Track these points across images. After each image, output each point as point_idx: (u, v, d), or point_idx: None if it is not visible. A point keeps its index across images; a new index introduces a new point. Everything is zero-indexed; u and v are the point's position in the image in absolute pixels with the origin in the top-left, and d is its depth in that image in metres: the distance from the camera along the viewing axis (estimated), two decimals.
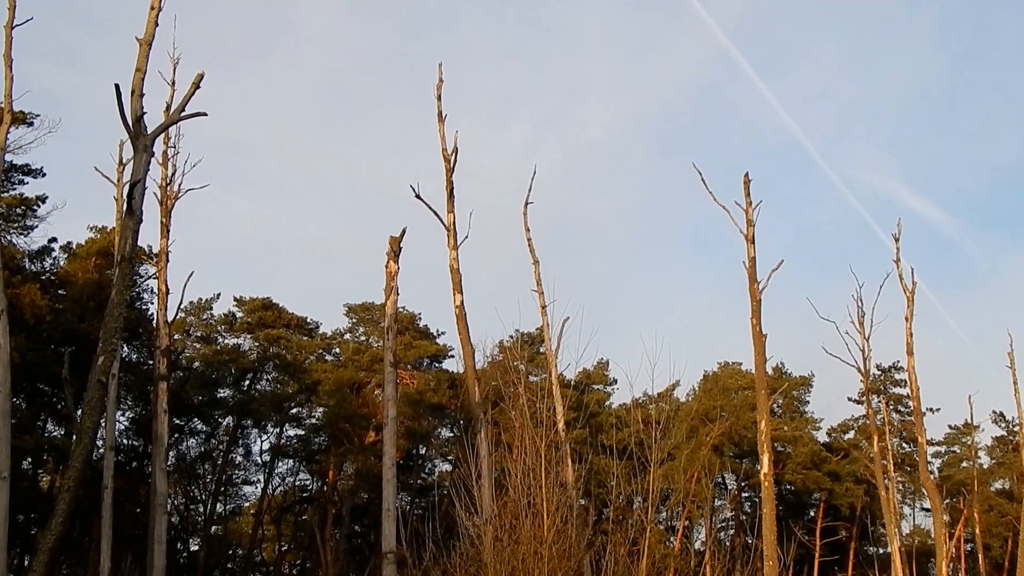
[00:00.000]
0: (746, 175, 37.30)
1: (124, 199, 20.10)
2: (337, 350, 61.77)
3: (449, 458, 59.03)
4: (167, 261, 36.62)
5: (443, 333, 61.12)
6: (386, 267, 33.09)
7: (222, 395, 57.24)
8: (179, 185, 36.89)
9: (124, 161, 36.79)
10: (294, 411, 59.37)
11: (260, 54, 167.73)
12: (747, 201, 37.33)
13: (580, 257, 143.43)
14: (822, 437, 76.11)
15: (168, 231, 36.74)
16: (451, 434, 60.74)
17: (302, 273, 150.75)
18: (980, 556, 74.55)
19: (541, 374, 53.65)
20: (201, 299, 57.82)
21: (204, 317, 58.65)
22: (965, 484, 76.49)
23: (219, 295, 58.50)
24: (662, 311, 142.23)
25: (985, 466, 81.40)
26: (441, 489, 48.74)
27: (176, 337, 50.87)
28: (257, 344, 58.58)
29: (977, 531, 74.76)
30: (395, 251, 33.05)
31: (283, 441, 59.78)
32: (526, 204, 40.97)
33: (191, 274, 36.97)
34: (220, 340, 58.89)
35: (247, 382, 58.28)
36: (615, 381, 69.78)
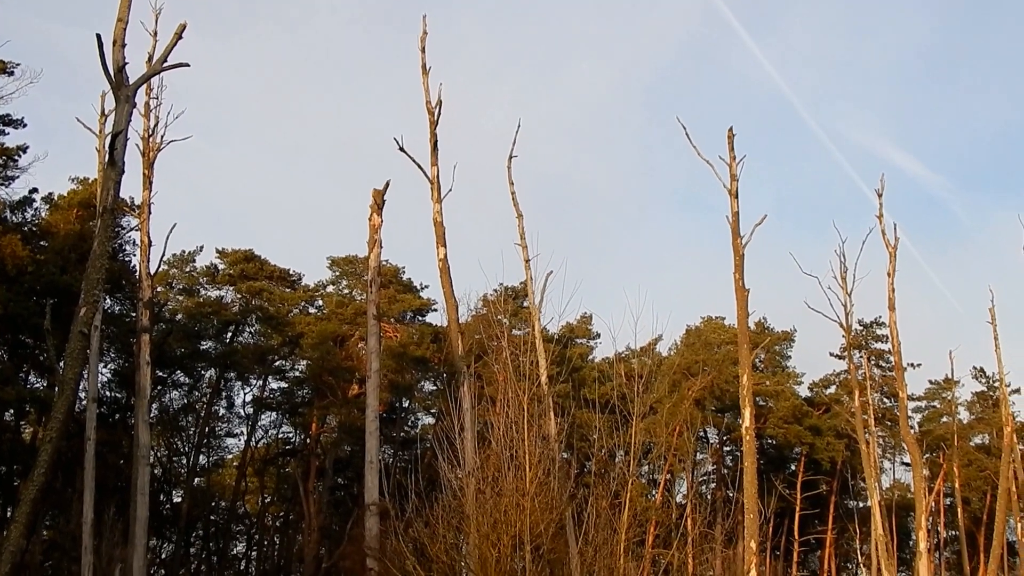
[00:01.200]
0: (730, 130, 37.25)
1: (106, 150, 19.99)
2: (320, 303, 61.67)
3: (432, 411, 59.13)
4: (149, 213, 36.47)
5: (427, 287, 61.13)
6: (369, 220, 33.07)
7: (205, 347, 57.19)
8: (161, 137, 36.71)
9: (106, 112, 36.55)
10: (277, 364, 59.36)
11: (244, 5, 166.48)
12: (731, 156, 37.31)
13: (567, 213, 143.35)
14: (804, 392, 76.45)
15: (150, 183, 36.57)
16: (434, 387, 60.83)
17: (285, 225, 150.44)
18: (959, 510, 75.15)
19: (524, 328, 53.73)
20: (184, 251, 57.66)
21: (187, 269, 58.44)
22: (945, 439, 76.99)
23: (202, 247, 58.30)
24: (647, 266, 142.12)
25: (965, 421, 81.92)
26: (424, 442, 49.02)
27: (159, 289, 50.70)
28: (240, 296, 58.44)
29: (956, 485, 75.30)
30: (379, 204, 33.02)
31: (266, 394, 59.82)
32: (510, 158, 40.83)
33: (173, 226, 36.91)
34: (203, 292, 58.73)
35: (230, 334, 58.21)
36: (598, 335, 69.94)
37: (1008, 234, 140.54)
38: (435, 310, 60.42)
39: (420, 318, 62.07)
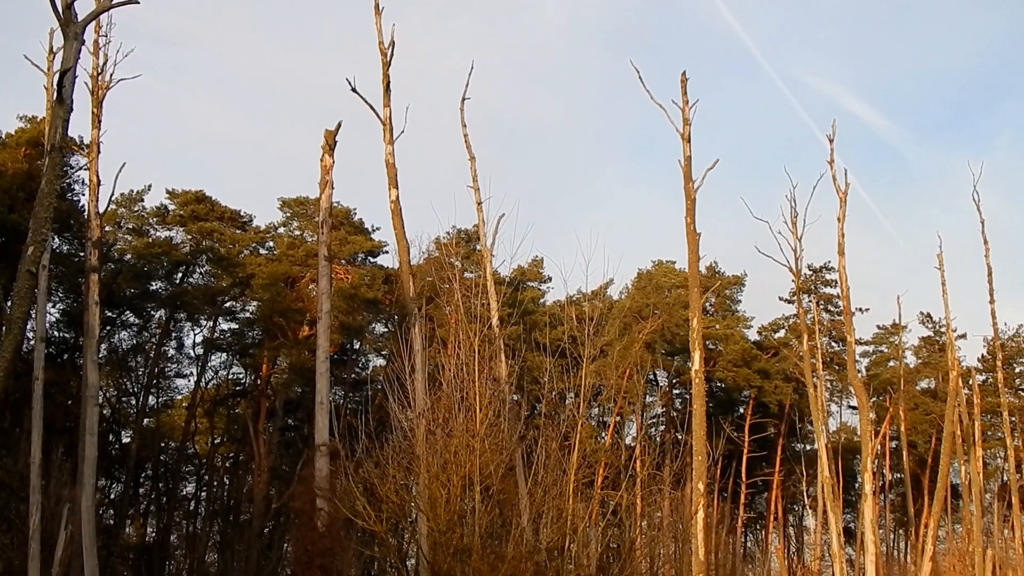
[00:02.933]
0: (683, 74, 37.31)
1: (54, 88, 19.75)
2: (271, 244, 61.32)
3: (383, 353, 59.06)
4: (98, 152, 36.12)
5: (378, 229, 60.88)
6: (321, 161, 32.92)
7: (154, 288, 56.80)
8: (110, 75, 36.29)
9: (55, 50, 36.02)
10: (227, 305, 59.06)
11: None
12: (684, 100, 37.34)
13: (520, 156, 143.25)
14: (753, 336, 76.97)
15: (99, 122, 36.20)
16: (385, 329, 60.73)
17: (236, 166, 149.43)
18: (905, 453, 76.10)
19: (476, 271, 53.71)
20: (133, 191, 57.02)
21: (136, 209, 57.86)
22: (891, 383, 77.87)
23: (151, 187, 57.63)
24: (599, 210, 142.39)
25: (911, 366, 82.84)
26: (375, 384, 48.94)
27: (107, 229, 50.24)
28: (190, 237, 58.00)
29: (902, 429, 76.24)
30: (330, 145, 32.86)
31: (216, 335, 59.58)
32: (463, 100, 40.69)
33: (123, 165, 36.54)
34: (152, 233, 58.22)
35: (180, 275, 57.84)
36: (550, 279, 70.04)
37: (958, 182, 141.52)
38: (386, 252, 60.32)
39: (371, 260, 61.91)
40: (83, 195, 45.06)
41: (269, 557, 51.88)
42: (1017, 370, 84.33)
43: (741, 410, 74.42)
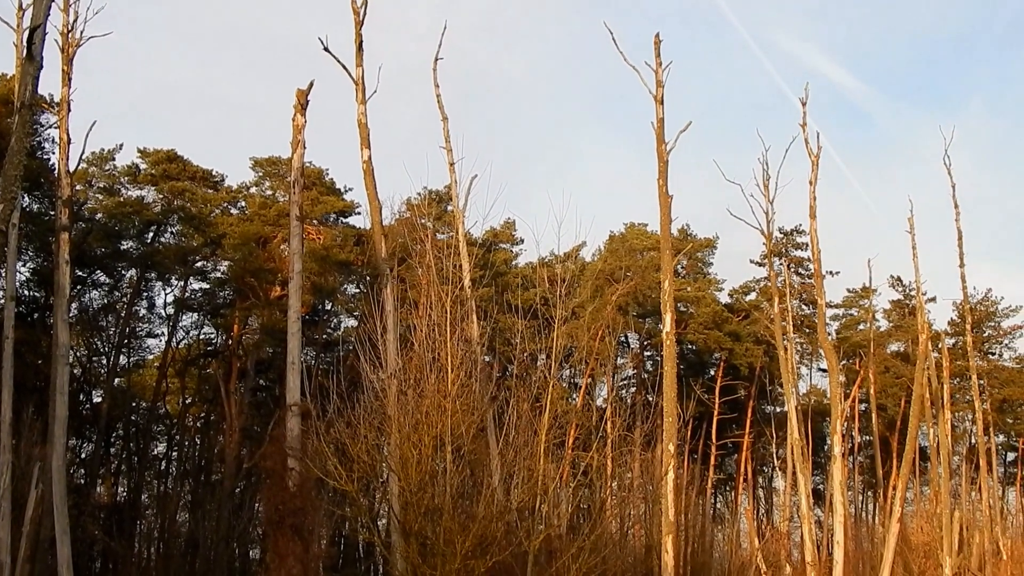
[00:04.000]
0: (656, 35, 37.35)
1: (24, 45, 19.61)
2: (243, 204, 61.01)
3: (355, 314, 58.96)
4: (69, 110, 35.87)
5: (350, 189, 60.71)
6: (293, 120, 32.74)
7: (125, 247, 56.51)
8: (81, 32, 35.96)
9: (24, 6, 35.76)
10: (199, 265, 58.83)
11: None
12: (657, 62, 37.37)
13: (493, 118, 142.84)
14: (724, 298, 77.16)
15: (70, 79, 35.93)
16: (357, 290, 60.69)
17: (208, 125, 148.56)
18: (874, 416, 76.57)
19: (448, 232, 53.72)
20: (104, 150, 56.63)
21: (107, 168, 57.49)
22: (862, 346, 78.32)
23: (122, 146, 57.23)
24: (572, 172, 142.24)
25: (882, 329, 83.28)
26: (346, 344, 49.07)
27: (78, 188, 49.94)
28: (161, 196, 57.68)
29: (872, 392, 76.68)
30: (302, 104, 32.69)
31: (187, 295, 59.38)
32: (436, 60, 40.65)
33: (93, 124, 36.34)
34: (123, 192, 57.86)
35: (151, 235, 57.57)
36: (522, 241, 70.06)
37: (930, 146, 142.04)
38: (359, 213, 60.18)
39: (343, 220, 61.79)
40: (53, 153, 44.81)
41: (240, 517, 51.95)
42: (986, 334, 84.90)
43: (712, 372, 74.71)
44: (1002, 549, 60.02)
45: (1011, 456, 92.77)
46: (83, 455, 55.41)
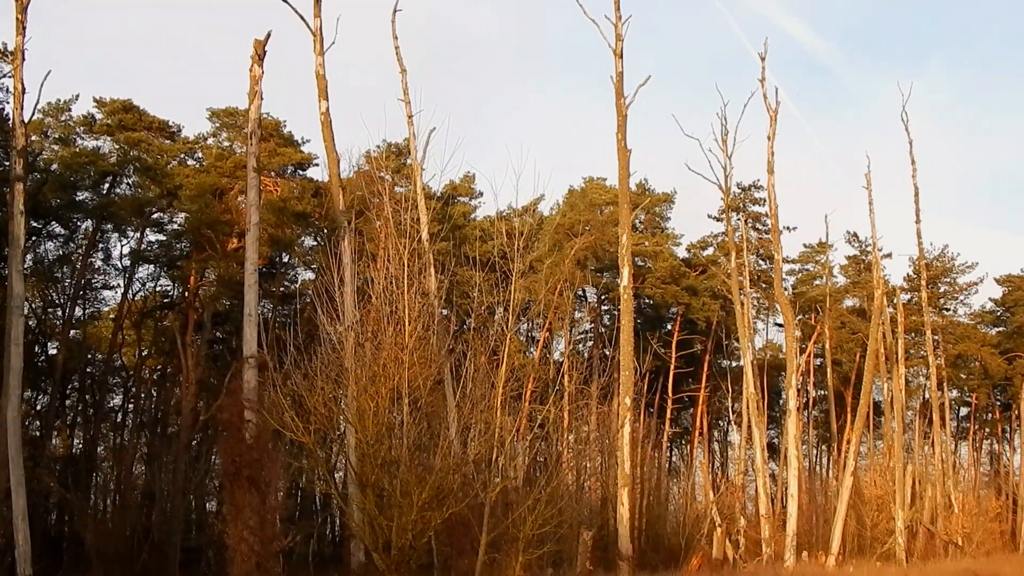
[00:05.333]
0: None
1: None
2: (200, 155, 60.53)
3: (313, 267, 58.78)
4: (23, 59, 35.40)
5: (308, 141, 60.32)
6: (250, 71, 32.51)
7: (81, 198, 55.93)
8: None
9: None
10: (155, 216, 58.31)
11: None
12: (617, 16, 37.43)
13: (454, 71, 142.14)
14: (682, 253, 77.43)
15: (24, 28, 35.46)
16: (315, 243, 60.47)
17: (165, 75, 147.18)
18: (829, 371, 77.28)
19: (407, 185, 53.60)
20: (59, 100, 55.99)
21: (62, 118, 56.85)
22: (817, 301, 78.84)
23: (78, 96, 56.60)
24: (531, 126, 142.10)
25: (838, 284, 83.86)
26: (304, 297, 48.90)
27: (33, 138, 49.43)
28: (117, 147, 57.12)
29: (827, 347, 77.32)
30: (260, 55, 32.45)
31: (144, 246, 58.90)
32: (395, 11, 40.54)
33: (48, 73, 35.92)
34: (79, 142, 57.28)
35: (107, 185, 56.97)
36: (481, 194, 69.96)
37: (889, 102, 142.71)
38: (316, 165, 59.85)
39: (301, 173, 61.42)
40: (7, 103, 44.16)
41: (197, 469, 51.82)
42: (941, 290, 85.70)
43: (669, 326, 75.07)
44: (954, 502, 60.81)
45: (964, 411, 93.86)
46: (38, 407, 55.08)
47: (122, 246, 58.70)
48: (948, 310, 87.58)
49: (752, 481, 60.21)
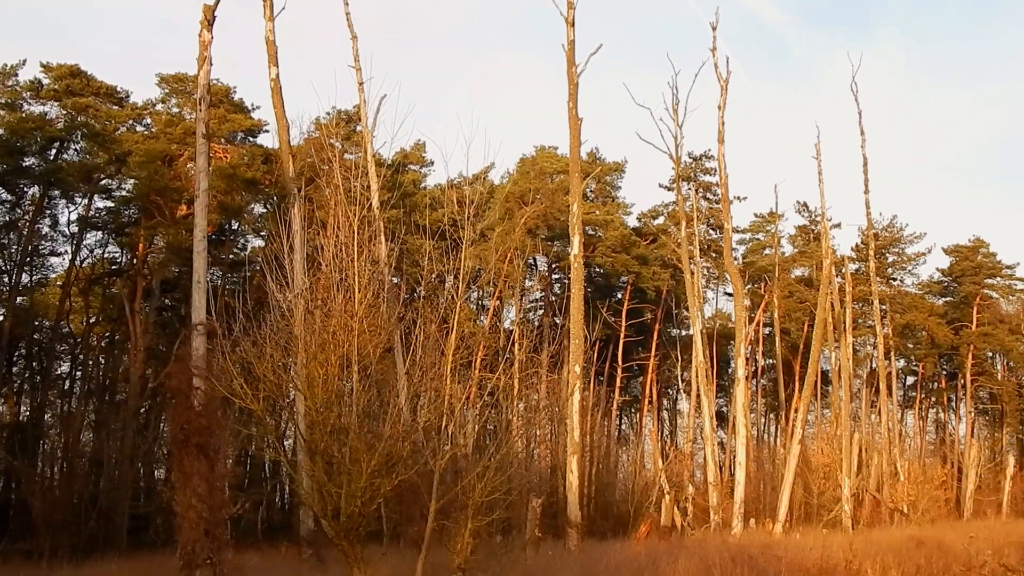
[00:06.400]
0: None
1: None
2: (149, 121, 60.16)
3: (262, 234, 58.56)
4: None
5: (258, 108, 60.13)
6: (199, 36, 32.22)
7: (28, 164, 55.51)
8: None
9: None
10: (103, 182, 57.92)
11: None
12: None
13: (405, 37, 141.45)
14: (632, 222, 77.72)
15: None
16: (265, 210, 60.26)
17: (113, 41, 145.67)
18: (777, 340, 77.84)
19: (357, 152, 53.44)
20: (6, 65, 55.53)
21: (9, 83, 56.39)
22: (767, 271, 79.44)
23: (25, 61, 56.26)
24: (483, 95, 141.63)
25: (787, 254, 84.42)
26: (253, 264, 48.72)
27: None
28: (65, 112, 56.72)
29: (776, 316, 77.90)
30: (209, 20, 32.14)
31: (92, 213, 58.51)
32: None
33: None
34: (26, 107, 56.82)
35: (54, 151, 56.55)
36: (432, 163, 69.88)
37: (841, 72, 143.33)
38: (267, 131, 59.65)
39: (251, 139, 61.17)
40: None
41: (145, 436, 51.70)
42: (889, 259, 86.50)
43: (619, 295, 75.35)
44: (899, 470, 61.50)
45: (910, 380, 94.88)
46: None
47: (70, 212, 58.30)
48: (896, 280, 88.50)
49: (701, 449, 60.62)
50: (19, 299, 56.04)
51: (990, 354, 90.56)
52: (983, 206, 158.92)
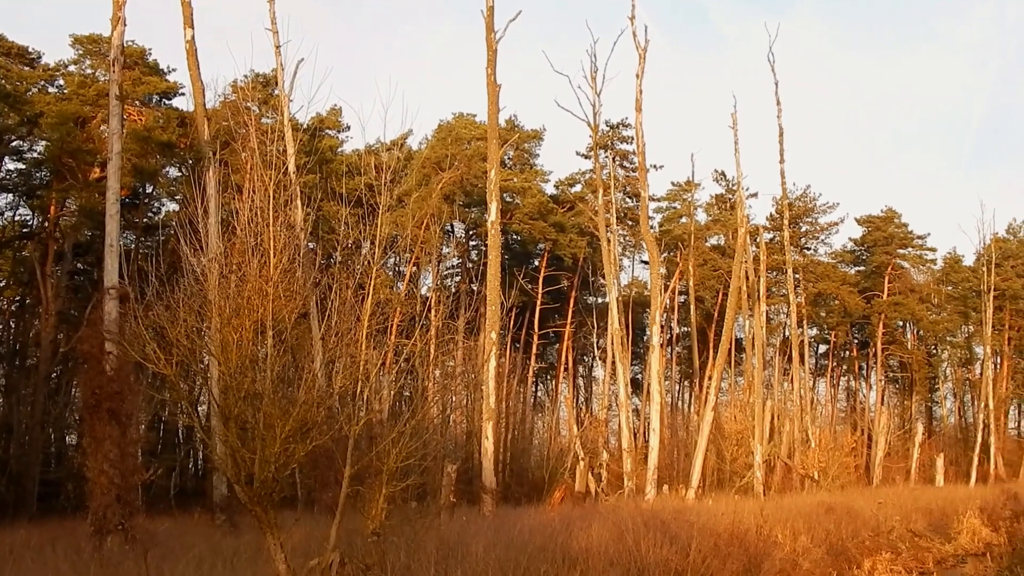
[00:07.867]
0: None
1: None
2: (61, 82, 59.28)
3: (177, 198, 58.03)
4: None
5: (174, 70, 59.48)
6: None
7: None
8: None
9: None
10: (14, 144, 57.10)
11: None
12: None
13: (324, 1, 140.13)
14: (550, 189, 77.88)
15: None
16: (179, 173, 59.67)
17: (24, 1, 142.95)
18: (692, 307, 78.58)
19: (274, 116, 53.07)
20: None
21: None
22: (683, 239, 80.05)
23: None
24: (401, 60, 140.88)
25: (703, 222, 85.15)
26: (168, 229, 48.27)
27: None
28: None
29: (691, 284, 78.61)
30: None
31: (2, 175, 57.69)
32: None
33: None
34: None
35: None
36: (349, 128, 69.45)
37: (760, 42, 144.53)
38: (182, 94, 59.03)
39: (166, 102, 60.46)
40: None
41: (56, 401, 51.19)
42: (803, 229, 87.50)
43: (536, 262, 75.61)
44: (811, 437, 62.36)
45: (823, 348, 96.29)
46: None
47: None
48: (809, 249, 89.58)
49: (616, 416, 61.08)
50: None
51: (901, 323, 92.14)
52: (896, 177, 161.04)
